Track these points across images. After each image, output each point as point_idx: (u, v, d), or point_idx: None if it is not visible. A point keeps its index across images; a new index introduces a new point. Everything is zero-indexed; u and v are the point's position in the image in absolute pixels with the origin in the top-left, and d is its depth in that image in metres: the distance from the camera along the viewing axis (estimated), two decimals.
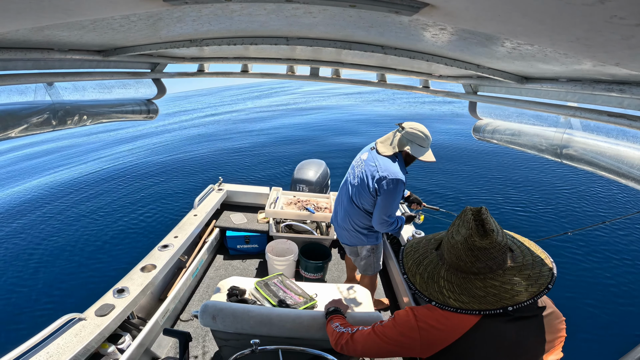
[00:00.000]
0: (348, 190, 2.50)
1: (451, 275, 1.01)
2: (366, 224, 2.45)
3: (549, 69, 1.10)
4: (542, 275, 0.96)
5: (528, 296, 0.92)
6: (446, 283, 1.00)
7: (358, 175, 2.38)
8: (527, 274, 0.97)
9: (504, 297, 0.93)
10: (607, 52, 0.58)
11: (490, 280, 0.96)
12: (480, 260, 0.94)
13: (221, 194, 4.21)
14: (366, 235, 2.51)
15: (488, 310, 0.92)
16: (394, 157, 2.25)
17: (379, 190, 2.21)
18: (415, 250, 1.17)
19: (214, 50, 1.66)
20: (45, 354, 1.78)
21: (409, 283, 1.09)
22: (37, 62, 1.26)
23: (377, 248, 2.61)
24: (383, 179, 2.17)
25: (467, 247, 0.94)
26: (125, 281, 2.43)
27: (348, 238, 2.60)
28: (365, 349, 1.19)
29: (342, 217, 2.58)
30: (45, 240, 6.21)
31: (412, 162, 2.34)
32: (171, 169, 10.60)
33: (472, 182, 8.45)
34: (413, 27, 0.89)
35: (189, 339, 1.57)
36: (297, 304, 2.08)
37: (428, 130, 2.23)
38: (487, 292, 0.94)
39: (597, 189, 7.67)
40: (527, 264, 1.00)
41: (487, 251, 0.93)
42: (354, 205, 2.44)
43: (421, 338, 1.02)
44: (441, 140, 12.39)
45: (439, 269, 1.04)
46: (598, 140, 1.37)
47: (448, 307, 0.96)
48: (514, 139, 1.90)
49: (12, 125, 1.27)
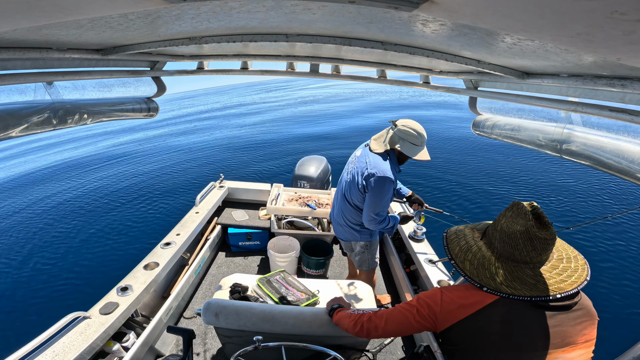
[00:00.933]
0: (342, 186, 2.52)
1: (501, 263, 1.05)
2: (358, 220, 2.46)
3: (550, 64, 1.10)
4: (580, 268, 1.03)
5: (571, 286, 0.98)
6: (497, 270, 1.05)
7: (351, 171, 2.38)
8: (569, 266, 1.03)
9: (552, 284, 0.99)
10: (608, 47, 0.57)
11: (540, 269, 1.02)
12: (537, 250, 0.99)
13: (222, 191, 4.21)
14: (359, 231, 2.51)
15: (538, 297, 0.98)
16: (385, 155, 2.22)
17: (367, 187, 2.19)
18: (459, 237, 1.21)
19: (213, 48, 1.66)
20: (51, 352, 1.79)
21: (458, 269, 1.14)
22: (35, 61, 1.26)
23: (370, 245, 2.60)
24: (371, 176, 2.15)
25: (528, 237, 0.98)
26: (129, 279, 2.44)
27: (342, 233, 2.61)
28: (388, 320, 1.27)
29: (337, 212, 2.60)
30: (48, 239, 6.23)
31: (406, 160, 2.29)
32: (172, 166, 10.61)
33: (472, 179, 8.44)
34: (413, 23, 0.89)
35: (192, 337, 1.58)
36: (300, 300, 2.08)
37: (423, 128, 2.18)
38: (537, 280, 1.00)
39: (596, 185, 7.66)
40: (568, 257, 1.06)
41: (546, 242, 0.98)
42: (346, 202, 2.46)
43: (442, 303, 1.12)
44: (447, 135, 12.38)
45: (489, 257, 1.09)
46: (598, 135, 1.36)
47: (500, 293, 1.02)
48: (514, 134, 1.90)
49: (12, 125, 1.27)
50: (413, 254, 3.02)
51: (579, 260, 1.05)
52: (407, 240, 3.22)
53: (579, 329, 1.01)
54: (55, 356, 1.77)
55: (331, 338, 1.71)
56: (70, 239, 6.15)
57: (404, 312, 1.22)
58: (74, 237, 6.22)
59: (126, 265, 2.73)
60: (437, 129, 14.23)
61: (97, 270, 5.15)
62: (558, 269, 1.03)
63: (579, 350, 1.00)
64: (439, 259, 2.80)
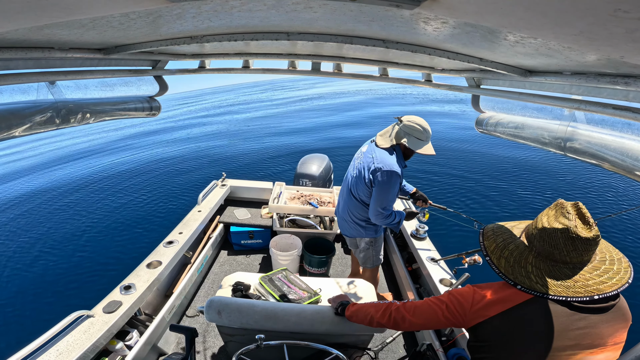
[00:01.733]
0: (348, 182, 2.54)
1: (539, 262, 1.04)
2: (364, 216, 2.47)
3: (553, 62, 1.09)
4: (622, 270, 1.00)
5: (610, 288, 0.96)
6: (534, 269, 1.03)
7: (357, 167, 2.41)
8: (612, 268, 1.00)
9: (590, 286, 0.97)
10: (611, 45, 0.57)
11: (579, 270, 1.00)
12: (578, 250, 0.97)
13: (225, 190, 4.22)
14: (364, 227, 2.53)
15: (574, 297, 0.96)
16: (391, 150, 2.26)
17: (374, 181, 2.22)
18: (496, 234, 1.19)
19: (214, 47, 1.65)
20: (55, 351, 1.80)
21: (492, 265, 1.13)
22: (38, 61, 1.26)
23: (375, 241, 2.62)
24: (377, 170, 2.18)
25: (569, 237, 0.96)
26: (132, 278, 2.45)
27: (348, 229, 2.63)
28: (416, 312, 1.26)
29: (343, 208, 2.61)
30: (51, 238, 6.26)
31: (411, 155, 2.34)
32: (174, 165, 10.65)
33: (478, 177, 8.42)
34: (414, 21, 0.88)
35: (195, 335, 1.59)
36: (302, 298, 2.09)
37: (427, 124, 2.22)
38: (575, 281, 0.98)
39: (599, 183, 7.63)
40: (612, 259, 1.03)
41: (588, 242, 0.96)
42: (352, 197, 2.47)
43: (473, 301, 1.10)
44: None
45: (526, 255, 1.07)
46: (602, 133, 1.35)
47: (535, 292, 1.00)
48: (517, 132, 1.89)
49: (15, 124, 1.27)
50: (415, 252, 3.02)
51: (623, 263, 1.02)
52: (409, 239, 3.22)
53: (611, 332, 0.99)
54: (59, 355, 1.78)
55: (333, 336, 1.71)
56: (75, 238, 6.18)
57: (433, 306, 1.21)
58: (77, 235, 6.25)
59: (129, 264, 2.75)
60: (440, 123, 14.22)
61: (100, 269, 5.18)
62: (599, 270, 1.00)
63: (607, 353, 0.98)
64: (441, 258, 2.80)
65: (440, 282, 2.53)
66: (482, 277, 1.35)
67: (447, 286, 2.48)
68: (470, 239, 5.23)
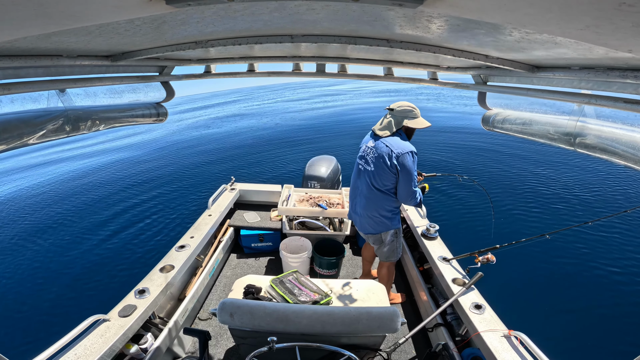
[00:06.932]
0: (365, 179, 2.56)
1: None
2: (392, 205, 2.54)
3: (560, 57, 1.08)
4: None
5: None
6: None
7: (372, 161, 2.47)
8: None
9: None
10: (618, 40, 0.56)
11: None
12: None
13: (234, 194, 4.24)
14: (390, 218, 2.57)
15: None
16: (398, 135, 2.43)
17: (399, 166, 2.33)
18: None
19: (219, 51, 1.67)
20: (73, 355, 1.82)
21: None
22: (47, 68, 1.29)
23: (399, 232, 2.69)
24: (400, 154, 2.33)
25: None
26: (146, 282, 2.48)
27: (373, 227, 2.62)
28: None
29: (364, 207, 2.60)
30: (68, 245, 6.37)
31: (412, 134, 2.52)
32: (184, 171, 10.73)
33: (491, 174, 8.35)
34: (418, 19, 0.88)
35: (208, 338, 1.60)
36: (313, 300, 2.09)
37: (412, 103, 2.46)
38: None
39: (610, 178, 7.52)
40: None
41: None
42: (376, 190, 2.49)
43: None
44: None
45: None
46: (613, 128, 1.33)
47: None
48: (525, 129, 1.86)
49: (27, 133, 1.30)
50: (426, 252, 2.99)
51: None
52: (419, 239, 3.19)
53: None
54: (77, 359, 1.80)
55: (345, 337, 1.70)
56: (92, 245, 6.26)
57: None
58: (92, 241, 6.33)
59: (143, 268, 2.78)
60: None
61: (115, 274, 5.24)
62: None
63: None
64: (453, 257, 2.77)
65: (453, 282, 2.49)
66: (496, 277, 1.32)
67: (460, 286, 2.43)
68: (484, 238, 5.19)
